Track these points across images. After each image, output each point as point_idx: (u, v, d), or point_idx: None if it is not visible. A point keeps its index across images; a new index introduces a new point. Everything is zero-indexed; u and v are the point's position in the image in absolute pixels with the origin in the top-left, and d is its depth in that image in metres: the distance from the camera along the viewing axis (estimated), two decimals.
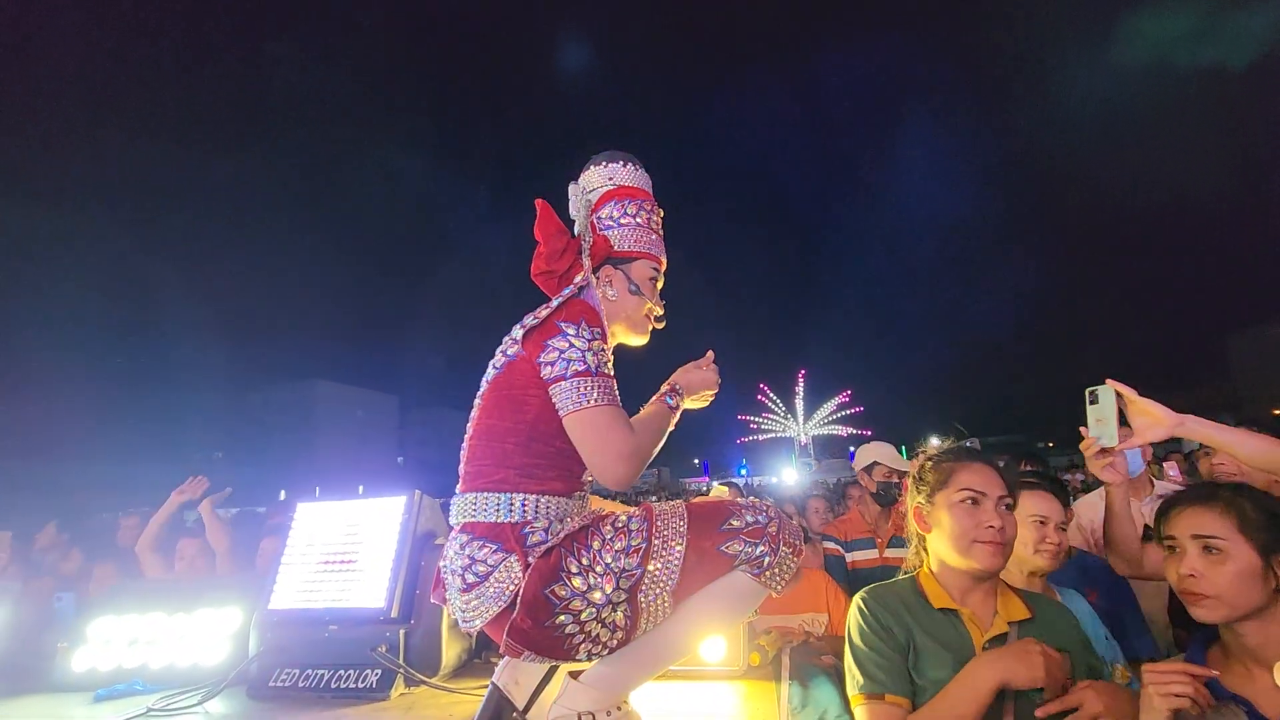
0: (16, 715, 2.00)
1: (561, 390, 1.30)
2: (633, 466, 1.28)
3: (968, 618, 1.46)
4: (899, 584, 1.57)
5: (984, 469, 1.50)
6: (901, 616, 1.47)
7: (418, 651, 2.06)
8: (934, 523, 1.51)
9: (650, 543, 1.23)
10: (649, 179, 1.65)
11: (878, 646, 1.44)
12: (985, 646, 1.44)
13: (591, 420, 1.28)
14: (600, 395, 1.30)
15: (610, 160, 1.60)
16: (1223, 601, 1.31)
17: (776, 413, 51.65)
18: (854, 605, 1.54)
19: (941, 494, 1.49)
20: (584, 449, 1.29)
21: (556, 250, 1.54)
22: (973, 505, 1.45)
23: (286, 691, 1.98)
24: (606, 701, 1.25)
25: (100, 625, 2.36)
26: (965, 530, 1.44)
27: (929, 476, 1.54)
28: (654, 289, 1.58)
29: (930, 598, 1.49)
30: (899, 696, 1.40)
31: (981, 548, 1.43)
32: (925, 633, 1.45)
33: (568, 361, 1.31)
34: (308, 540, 2.28)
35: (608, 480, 1.29)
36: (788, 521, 1.31)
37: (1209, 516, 1.36)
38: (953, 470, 1.50)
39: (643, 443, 1.33)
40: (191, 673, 2.19)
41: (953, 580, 1.51)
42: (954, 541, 1.45)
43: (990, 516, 1.44)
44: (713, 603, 1.26)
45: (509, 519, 1.28)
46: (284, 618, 2.14)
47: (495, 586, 1.23)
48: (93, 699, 2.08)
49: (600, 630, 1.21)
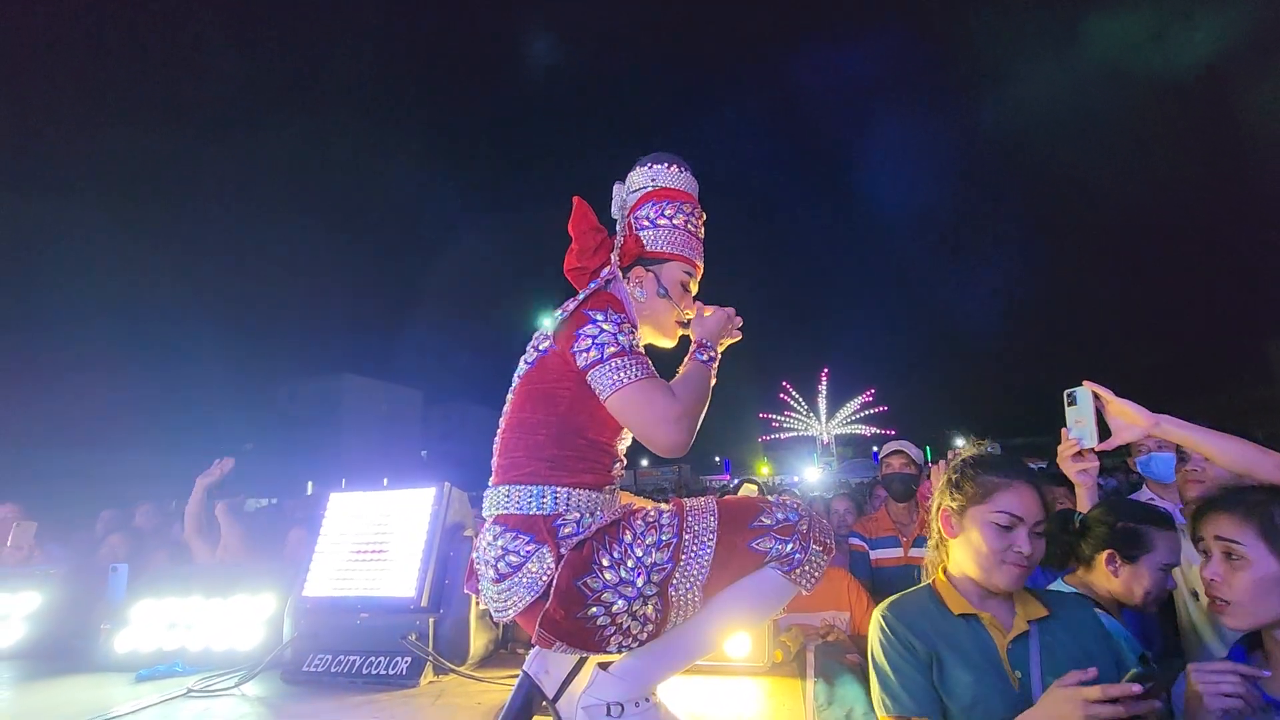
0: (64, 693, 2.07)
1: (600, 374, 1.32)
2: (684, 429, 1.29)
3: (988, 621, 1.47)
4: (917, 594, 1.57)
5: (1027, 492, 1.46)
6: (923, 630, 1.47)
7: (447, 640, 2.09)
8: (961, 531, 1.50)
9: (681, 538, 1.24)
10: (695, 183, 1.63)
11: (900, 666, 1.44)
12: (1008, 648, 1.44)
13: (634, 394, 1.29)
14: (639, 370, 1.31)
15: (655, 161, 1.60)
16: (1244, 608, 1.30)
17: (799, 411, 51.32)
18: (875, 622, 1.54)
19: (977, 509, 1.47)
20: (633, 424, 1.31)
21: (589, 247, 1.55)
22: (1007, 530, 1.43)
23: (320, 676, 2.03)
24: (635, 693, 1.26)
25: (141, 608, 2.44)
26: (994, 551, 1.42)
27: (968, 488, 1.50)
28: (684, 293, 1.58)
29: (949, 604, 1.49)
30: (924, 719, 1.41)
31: (1007, 569, 1.42)
32: (948, 643, 1.45)
33: (601, 346, 1.32)
34: (340, 530, 2.33)
35: (662, 448, 1.30)
36: (819, 519, 1.32)
37: (1231, 521, 1.34)
38: (996, 489, 1.47)
39: (689, 404, 1.34)
40: (228, 656, 2.25)
41: (971, 586, 1.51)
42: (979, 558, 1.45)
43: (1022, 542, 1.42)
44: (742, 598, 1.27)
45: (541, 511, 1.30)
46: (317, 605, 2.19)
47: (528, 577, 1.25)
48: (135, 679, 2.15)
49: (631, 623, 1.22)
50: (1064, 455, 1.78)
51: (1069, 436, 1.74)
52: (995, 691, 1.41)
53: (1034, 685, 1.41)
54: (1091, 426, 1.68)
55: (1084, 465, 1.76)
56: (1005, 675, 1.42)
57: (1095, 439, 1.68)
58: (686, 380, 1.42)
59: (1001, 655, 1.44)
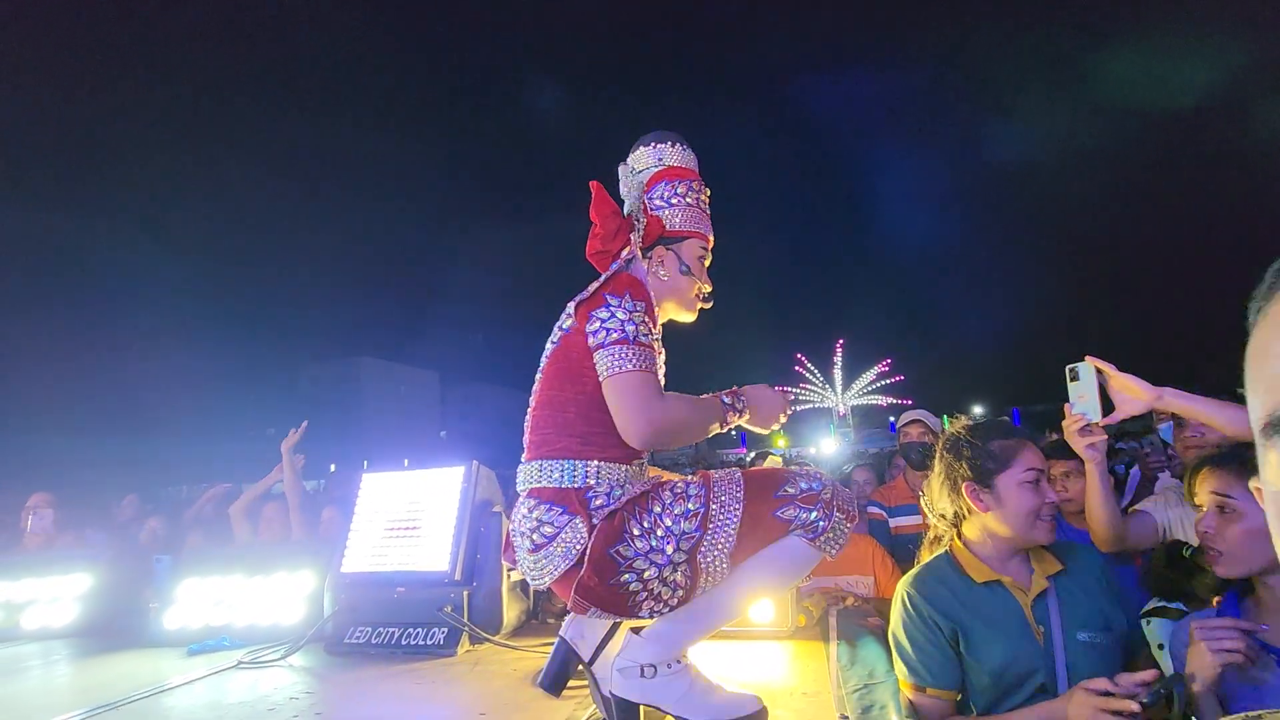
0: (120, 667, 2.19)
1: (600, 358, 1.37)
2: (655, 429, 1.32)
3: (1010, 584, 1.53)
4: (937, 565, 1.62)
5: (1032, 445, 1.56)
6: (948, 604, 1.52)
7: (480, 612, 2.18)
8: (992, 504, 1.54)
9: (709, 508, 1.29)
10: (695, 158, 1.67)
11: (920, 642, 1.51)
12: (1033, 606, 1.51)
13: (623, 384, 1.34)
14: (635, 362, 1.35)
15: (659, 141, 1.63)
16: (1236, 558, 1.36)
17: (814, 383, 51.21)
18: (899, 597, 1.59)
19: (1005, 475, 1.53)
20: (615, 410, 1.35)
21: (611, 231, 1.58)
22: (1036, 486, 1.51)
23: (361, 648, 2.12)
24: (667, 655, 1.32)
25: (188, 587, 2.55)
26: (1033, 508, 1.50)
27: (984, 460, 1.56)
28: (702, 267, 1.62)
29: (971, 573, 1.55)
30: (942, 690, 1.49)
31: (1043, 524, 1.51)
32: (972, 612, 1.51)
33: (608, 331, 1.37)
34: (373, 509, 2.40)
35: (630, 438, 1.34)
36: (841, 488, 1.36)
37: (1226, 476, 1.41)
38: (1014, 452, 1.54)
39: (675, 414, 1.37)
40: (272, 631, 2.35)
41: (993, 551, 1.57)
42: (1019, 519, 1.51)
43: (1049, 493, 1.52)
44: (768, 565, 1.32)
45: (573, 484, 1.35)
46: (355, 580, 2.28)
47: (563, 546, 1.31)
48: (186, 653, 2.26)
49: (662, 589, 1.28)
50: (1070, 430, 1.79)
51: (1072, 412, 1.76)
52: (1023, 651, 1.47)
53: (1055, 639, 1.49)
54: (1095, 401, 1.71)
55: (1092, 439, 1.77)
56: (1031, 633, 1.49)
57: (1100, 413, 1.71)
58: (695, 403, 1.44)
59: (1027, 614, 1.51)
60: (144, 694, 1.84)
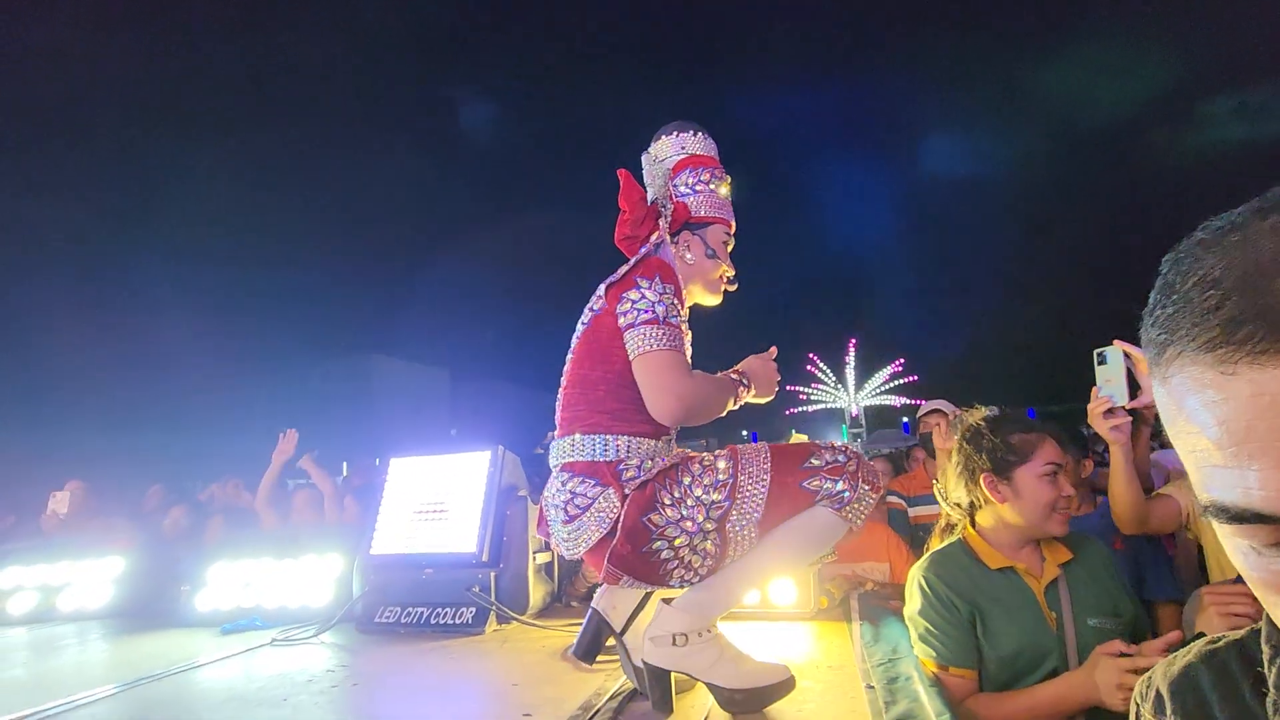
0: (156, 645, 2.25)
1: (630, 337, 1.41)
2: (684, 405, 1.37)
3: (1023, 571, 1.59)
4: (952, 552, 1.68)
5: (1052, 440, 1.60)
6: (964, 588, 1.58)
7: (507, 593, 2.22)
8: (1009, 496, 1.59)
9: (736, 478, 1.32)
10: (715, 146, 1.73)
11: (939, 623, 1.56)
12: (1045, 593, 1.57)
13: (652, 362, 1.38)
14: (664, 341, 1.39)
15: (680, 130, 1.69)
16: None
17: (826, 383, 51.02)
18: (916, 581, 1.64)
19: (1024, 468, 1.58)
20: (644, 388, 1.39)
21: (639, 216, 1.63)
22: (1053, 479, 1.56)
23: (390, 627, 2.17)
24: (697, 624, 1.36)
25: (218, 570, 2.61)
26: (1050, 501, 1.55)
27: (1005, 453, 1.61)
28: (726, 251, 1.66)
29: (986, 560, 1.61)
30: (962, 669, 1.53)
31: (1058, 516, 1.56)
32: (988, 596, 1.57)
33: (638, 311, 1.41)
34: (401, 492, 2.45)
35: (659, 415, 1.38)
36: (866, 461, 1.39)
37: None
38: (1034, 445, 1.59)
39: (700, 390, 1.42)
40: (302, 612, 2.40)
41: (1006, 539, 1.63)
42: (1035, 510, 1.56)
43: (1066, 487, 1.56)
44: (795, 534, 1.35)
45: (605, 458, 1.39)
46: (384, 561, 2.33)
47: (596, 515, 1.35)
48: (219, 632, 2.31)
49: (692, 557, 1.31)
50: (1095, 413, 1.82)
51: (1099, 395, 1.78)
52: (1036, 636, 1.52)
53: (1067, 624, 1.54)
54: (1123, 385, 1.74)
55: (1116, 422, 1.80)
56: (1044, 618, 1.54)
57: (1126, 397, 1.74)
58: (712, 379, 1.52)
59: (1040, 600, 1.56)
60: (180, 669, 1.90)
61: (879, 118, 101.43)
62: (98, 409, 19.89)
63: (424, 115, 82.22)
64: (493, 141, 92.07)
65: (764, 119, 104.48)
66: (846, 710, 1.32)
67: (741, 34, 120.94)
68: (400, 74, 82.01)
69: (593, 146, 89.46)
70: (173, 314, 28.04)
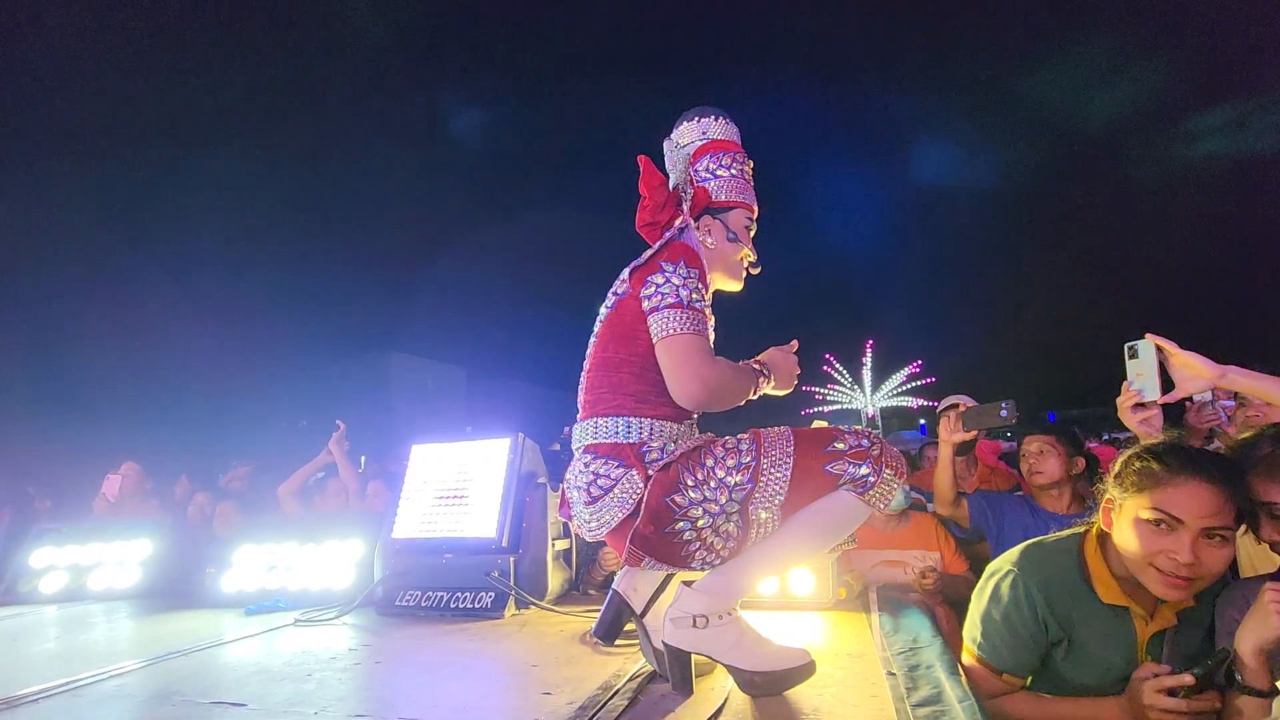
0: (182, 624, 2.29)
1: (655, 320, 1.41)
2: (707, 389, 1.37)
3: (1134, 613, 1.42)
4: (1065, 564, 1.48)
5: (1200, 490, 1.27)
6: (1065, 613, 1.43)
7: (526, 578, 2.24)
8: (1114, 526, 1.41)
9: (759, 461, 1.32)
10: (738, 130, 1.72)
11: (1020, 633, 1.45)
12: (1149, 640, 1.41)
13: (676, 345, 1.38)
14: (688, 325, 1.39)
15: (701, 115, 1.69)
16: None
17: (842, 384, 50.69)
18: (1007, 576, 1.50)
19: (1135, 500, 1.34)
20: (667, 371, 1.40)
21: (660, 203, 1.64)
22: (1160, 531, 1.29)
23: (411, 610, 2.20)
24: (718, 606, 1.36)
25: (243, 553, 2.66)
26: (1146, 554, 1.30)
27: (1130, 478, 1.37)
28: (748, 236, 1.66)
29: (1100, 591, 1.43)
30: (1018, 678, 1.46)
31: (1158, 576, 1.29)
32: (1088, 628, 1.43)
33: (663, 295, 1.41)
34: (422, 478, 2.48)
35: (682, 399, 1.39)
36: (890, 446, 1.38)
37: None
38: (1157, 482, 1.31)
39: (723, 375, 1.42)
40: (324, 595, 2.44)
41: (1127, 574, 1.40)
42: (1130, 558, 1.35)
43: (1180, 548, 1.26)
44: (818, 517, 1.34)
45: (628, 440, 1.40)
46: (405, 546, 2.35)
47: (619, 496, 1.35)
48: (244, 613, 2.35)
49: (714, 539, 1.32)
50: (1124, 406, 1.78)
51: (1129, 389, 1.75)
52: (1121, 678, 1.39)
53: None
54: (1154, 379, 1.68)
55: (1145, 415, 1.76)
56: (1135, 665, 1.39)
57: (1158, 391, 1.68)
58: (737, 367, 1.51)
59: (1139, 646, 1.42)
60: (206, 645, 1.94)
61: (898, 124, 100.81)
62: (134, 405, 20.49)
63: (441, 124, 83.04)
64: (508, 147, 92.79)
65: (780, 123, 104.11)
66: (867, 696, 1.32)
67: (765, 37, 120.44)
68: (421, 79, 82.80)
69: (607, 149, 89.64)
70: (204, 317, 28.72)
